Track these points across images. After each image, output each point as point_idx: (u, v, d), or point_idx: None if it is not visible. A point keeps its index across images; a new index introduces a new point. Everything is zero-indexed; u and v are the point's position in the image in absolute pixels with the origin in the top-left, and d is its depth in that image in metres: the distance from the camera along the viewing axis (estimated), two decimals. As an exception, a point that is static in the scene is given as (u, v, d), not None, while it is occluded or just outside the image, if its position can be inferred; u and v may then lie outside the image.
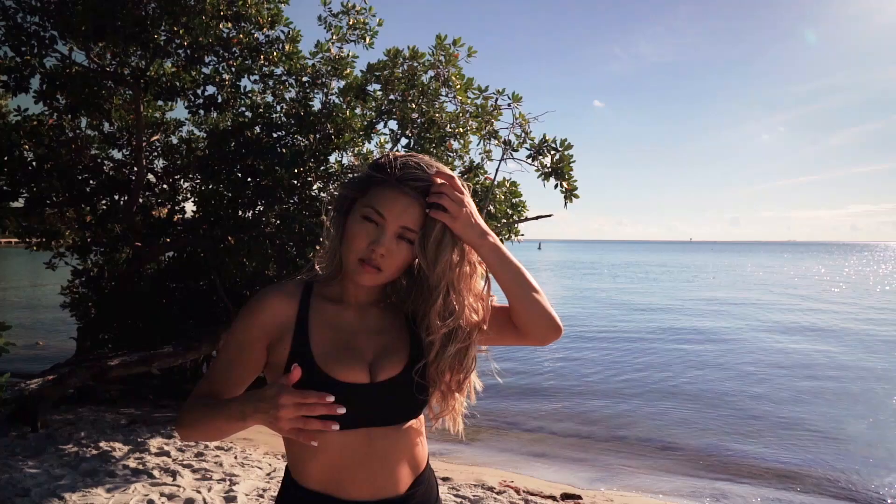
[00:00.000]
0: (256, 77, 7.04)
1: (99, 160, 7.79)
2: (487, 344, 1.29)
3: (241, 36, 6.45)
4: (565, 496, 4.64)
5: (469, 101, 6.29)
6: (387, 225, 1.16)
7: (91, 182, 7.62)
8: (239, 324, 1.20)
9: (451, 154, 6.55)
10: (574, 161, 5.80)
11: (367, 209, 1.17)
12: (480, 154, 6.60)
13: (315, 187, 7.41)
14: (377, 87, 6.65)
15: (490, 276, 1.26)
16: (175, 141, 8.24)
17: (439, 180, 1.18)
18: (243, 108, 7.28)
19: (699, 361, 10.27)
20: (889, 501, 4.95)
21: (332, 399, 0.97)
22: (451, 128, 6.36)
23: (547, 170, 5.91)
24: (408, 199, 1.17)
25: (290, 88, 7.18)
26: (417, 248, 1.19)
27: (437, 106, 6.40)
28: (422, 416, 1.27)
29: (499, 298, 1.30)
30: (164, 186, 8.43)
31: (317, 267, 1.29)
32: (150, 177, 8.17)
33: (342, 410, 0.98)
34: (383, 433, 1.19)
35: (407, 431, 1.22)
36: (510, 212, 6.70)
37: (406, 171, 1.17)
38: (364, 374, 1.18)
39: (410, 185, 1.16)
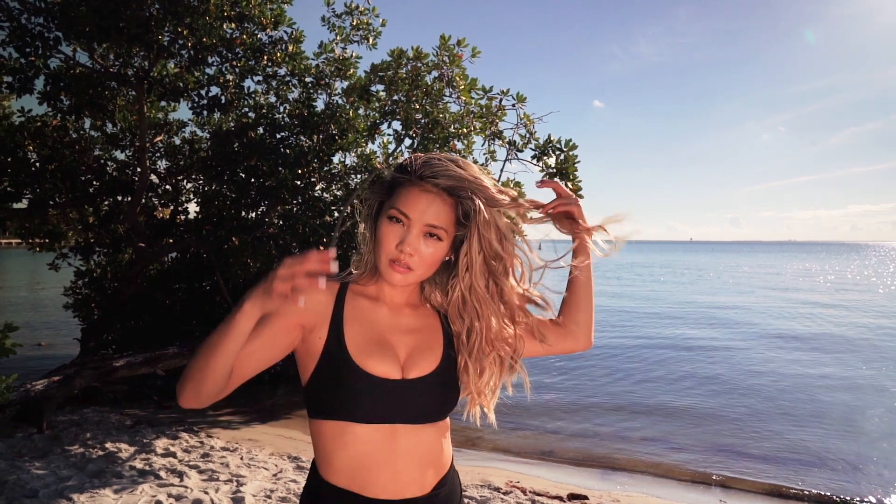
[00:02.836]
0: (260, 78, 7.05)
1: (102, 161, 7.80)
2: (528, 354, 1.32)
3: (245, 37, 6.45)
4: (572, 496, 4.64)
5: (473, 101, 6.29)
6: (412, 224, 1.18)
7: (94, 183, 7.63)
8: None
9: (455, 155, 6.56)
10: (578, 161, 5.82)
11: (393, 210, 1.19)
12: (484, 154, 6.60)
13: (318, 188, 7.41)
14: (381, 87, 6.66)
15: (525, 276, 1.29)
16: (178, 142, 8.24)
17: (544, 188, 1.29)
18: (246, 109, 7.29)
19: (707, 366, 10.15)
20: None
21: (333, 255, 0.93)
22: (454, 128, 6.35)
23: (551, 170, 5.91)
24: (430, 196, 1.18)
25: (293, 89, 7.19)
26: (452, 246, 1.23)
27: (440, 106, 6.40)
28: (448, 418, 1.28)
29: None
30: (167, 187, 8.44)
31: (354, 271, 1.30)
32: (153, 178, 8.17)
33: (323, 282, 0.93)
34: (409, 431, 1.19)
35: (433, 431, 1.23)
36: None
37: (426, 168, 1.18)
38: (396, 369, 1.20)
39: (432, 183, 1.18)
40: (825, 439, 6.44)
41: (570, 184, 5.84)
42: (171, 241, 7.95)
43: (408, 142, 6.62)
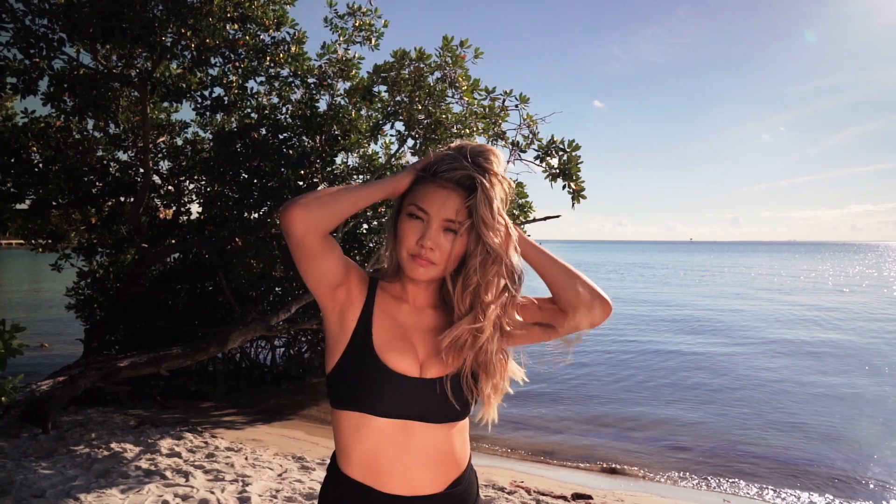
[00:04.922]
0: (262, 78, 7.05)
1: (105, 162, 7.81)
2: (543, 339, 1.32)
3: (248, 38, 6.45)
4: (576, 496, 4.65)
5: (476, 102, 6.29)
6: (431, 219, 1.21)
7: (97, 184, 7.64)
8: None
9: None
10: (582, 162, 5.82)
11: (412, 207, 1.23)
12: (487, 155, 6.60)
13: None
14: (383, 88, 6.65)
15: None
16: (180, 143, 8.24)
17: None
18: (249, 110, 7.29)
19: (713, 371, 10.06)
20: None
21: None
22: (457, 129, 6.35)
23: (555, 171, 5.92)
24: (445, 192, 1.21)
25: (296, 90, 7.19)
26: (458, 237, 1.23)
27: (443, 107, 6.39)
28: (467, 418, 1.29)
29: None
30: (170, 188, 8.44)
31: (380, 265, 1.34)
32: (156, 178, 8.17)
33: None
34: (425, 429, 1.21)
35: (449, 431, 1.24)
36: (517, 213, 6.71)
37: (440, 164, 1.22)
38: (415, 367, 1.22)
39: (445, 178, 1.21)
40: (829, 445, 6.43)
41: (573, 184, 5.85)
42: (173, 241, 7.96)
43: (410, 142, 6.61)
